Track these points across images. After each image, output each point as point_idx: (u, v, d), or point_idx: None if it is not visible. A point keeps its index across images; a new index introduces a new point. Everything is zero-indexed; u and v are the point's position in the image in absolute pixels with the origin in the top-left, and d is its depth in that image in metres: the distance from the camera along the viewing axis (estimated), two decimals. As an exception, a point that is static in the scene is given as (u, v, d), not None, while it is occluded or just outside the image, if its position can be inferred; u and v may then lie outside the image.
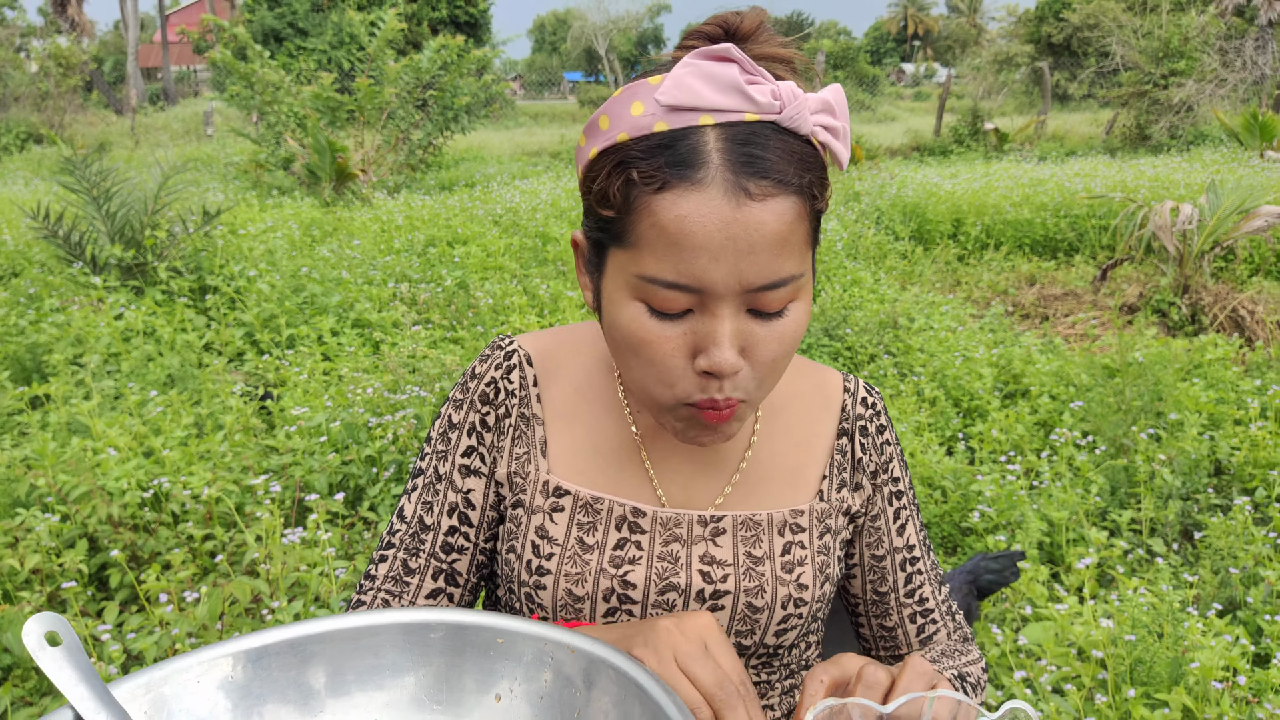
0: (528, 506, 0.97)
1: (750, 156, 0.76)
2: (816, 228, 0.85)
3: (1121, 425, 3.68)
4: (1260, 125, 12.63)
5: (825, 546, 0.99)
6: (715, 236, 0.76)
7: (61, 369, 4.03)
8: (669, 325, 0.81)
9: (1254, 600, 2.57)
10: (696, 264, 0.77)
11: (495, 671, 0.82)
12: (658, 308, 0.81)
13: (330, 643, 0.82)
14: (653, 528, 0.96)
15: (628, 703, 0.74)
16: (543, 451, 0.98)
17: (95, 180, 5.60)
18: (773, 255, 0.77)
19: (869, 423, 1.04)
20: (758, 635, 0.97)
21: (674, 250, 0.77)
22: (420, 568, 0.99)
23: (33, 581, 2.67)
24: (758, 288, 0.78)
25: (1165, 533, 3.15)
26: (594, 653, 0.78)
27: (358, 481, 3.29)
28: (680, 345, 0.82)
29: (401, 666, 0.82)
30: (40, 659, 0.76)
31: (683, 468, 0.99)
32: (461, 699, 0.82)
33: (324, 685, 0.81)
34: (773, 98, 0.78)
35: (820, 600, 0.99)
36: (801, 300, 0.83)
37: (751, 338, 0.81)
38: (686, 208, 0.76)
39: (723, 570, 0.96)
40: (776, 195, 0.77)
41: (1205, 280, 5.93)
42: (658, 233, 0.77)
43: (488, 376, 1.00)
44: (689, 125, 0.77)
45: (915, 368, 4.53)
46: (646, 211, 0.78)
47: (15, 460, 3.12)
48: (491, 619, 0.83)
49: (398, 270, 6.16)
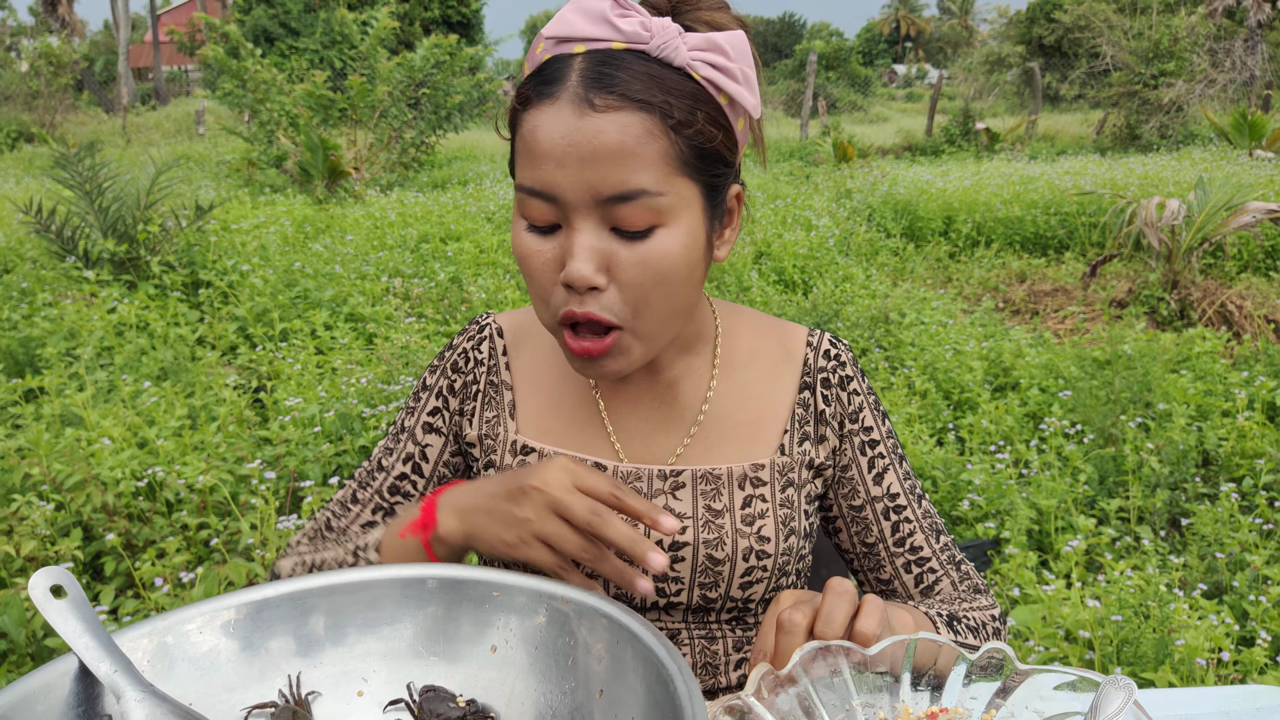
0: (498, 466, 1.03)
1: (602, 74, 0.82)
2: (698, 159, 0.85)
3: (1110, 415, 3.71)
4: (1250, 124, 12.70)
5: (789, 500, 1.01)
6: (559, 144, 0.82)
7: (54, 362, 4.03)
8: (543, 241, 0.87)
9: (1240, 584, 2.60)
10: (545, 170, 0.83)
11: (491, 623, 0.84)
12: (529, 220, 0.87)
13: (330, 596, 0.84)
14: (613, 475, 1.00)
15: (619, 648, 0.76)
16: (511, 414, 1.04)
17: (88, 175, 5.60)
18: (616, 165, 0.81)
19: (831, 374, 1.05)
20: (722, 588, 1.00)
21: (531, 158, 0.84)
22: (365, 500, 1.08)
23: (28, 569, 2.67)
24: (607, 198, 0.82)
25: (1153, 520, 3.19)
26: (586, 602, 0.80)
27: (352, 470, 3.30)
28: (550, 260, 0.86)
29: (399, 618, 0.84)
30: (46, 611, 0.78)
31: (641, 425, 1.03)
32: (458, 649, 0.84)
33: (324, 634, 0.83)
34: (642, 29, 0.83)
35: (786, 554, 1.01)
36: (672, 228, 0.85)
37: (614, 258, 0.84)
38: (539, 119, 0.83)
39: (682, 523, 0.99)
40: (621, 109, 0.81)
41: (1194, 276, 5.97)
42: (522, 144, 0.86)
43: (461, 348, 1.08)
44: (565, 53, 0.85)
45: (906, 361, 4.56)
46: (519, 128, 0.86)
47: (9, 450, 3.12)
48: (486, 573, 0.85)
49: (391, 265, 6.17)
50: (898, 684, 0.76)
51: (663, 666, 0.70)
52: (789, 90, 30.99)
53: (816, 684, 0.74)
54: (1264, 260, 7.02)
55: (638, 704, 0.73)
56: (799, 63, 32.66)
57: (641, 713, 0.72)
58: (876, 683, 0.76)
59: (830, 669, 0.75)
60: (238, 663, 0.81)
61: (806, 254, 6.87)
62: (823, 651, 0.75)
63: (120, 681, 0.72)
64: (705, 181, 0.87)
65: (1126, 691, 0.67)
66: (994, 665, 0.74)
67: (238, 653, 0.81)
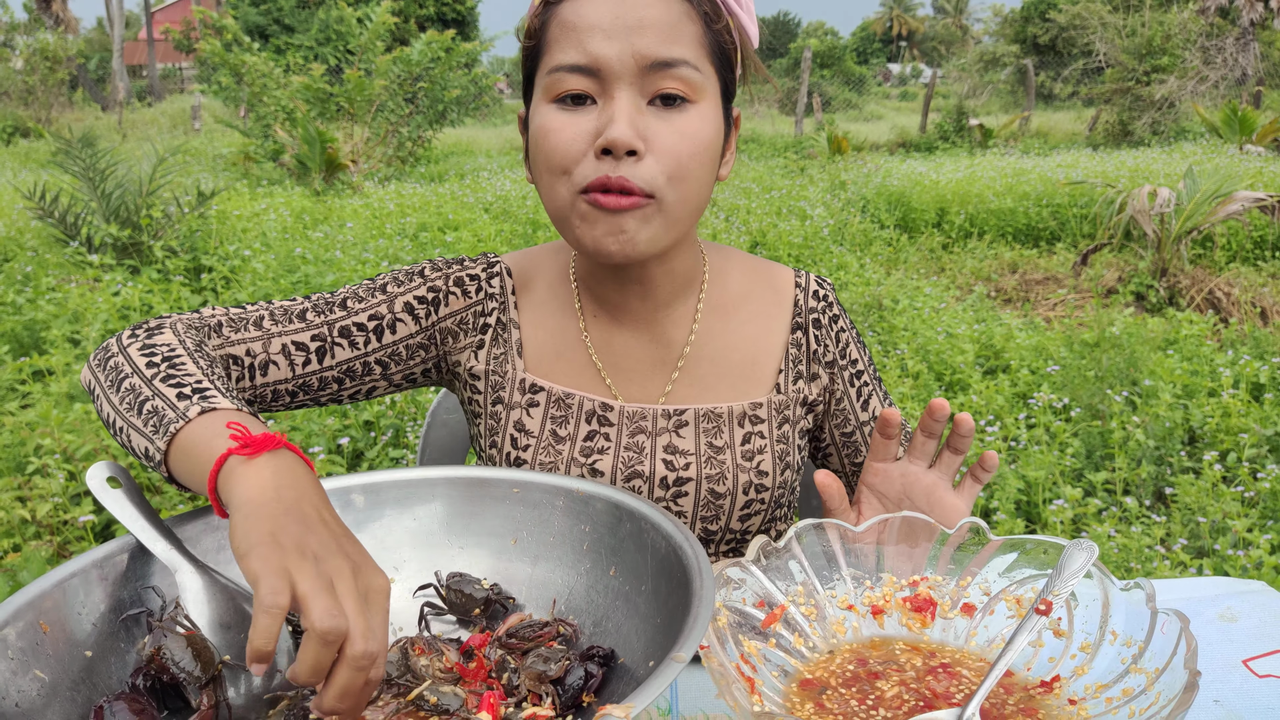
0: (506, 403, 1.07)
1: None
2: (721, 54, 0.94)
3: (1098, 392, 3.79)
4: (1240, 120, 12.81)
5: (784, 436, 1.08)
6: (606, 16, 0.89)
7: (59, 344, 4.09)
8: (575, 115, 0.91)
9: (1221, 548, 2.68)
10: (592, 41, 0.89)
11: (511, 516, 0.91)
12: (564, 92, 0.91)
13: (367, 492, 0.91)
14: (620, 420, 1.05)
15: (626, 525, 0.84)
16: (519, 352, 1.08)
17: (90, 162, 5.66)
18: (661, 34, 0.89)
19: (822, 315, 1.11)
20: (723, 520, 1.06)
21: (573, 35, 0.90)
22: (310, 323, 1.04)
23: (42, 534, 2.74)
24: (651, 64, 0.89)
25: (1139, 492, 3.26)
26: (595, 491, 0.87)
27: (357, 445, 3.37)
28: (582, 132, 0.90)
29: (431, 512, 0.92)
30: (104, 498, 0.85)
31: (635, 366, 1.08)
32: (482, 541, 0.91)
33: (362, 524, 0.90)
34: None
35: (782, 487, 1.08)
36: (702, 106, 0.92)
37: (651, 129, 0.90)
38: (583, 1, 0.90)
39: (685, 459, 1.05)
40: None
41: (1183, 264, 6.06)
42: (561, 28, 0.91)
43: (473, 272, 1.10)
44: None
45: (899, 344, 4.64)
46: (555, 19, 0.92)
47: (20, 424, 3.19)
48: (507, 473, 0.92)
49: (390, 253, 6.23)
50: (883, 556, 0.83)
51: (669, 538, 0.78)
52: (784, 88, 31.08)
53: (810, 555, 0.81)
54: (1252, 250, 7.11)
55: (648, 573, 0.80)
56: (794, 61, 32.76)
57: (652, 579, 0.79)
58: (864, 552, 0.83)
59: (823, 543, 0.82)
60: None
61: (801, 243, 6.95)
62: (817, 527, 0.82)
63: (176, 557, 0.79)
64: (723, 78, 0.95)
65: (1089, 552, 0.74)
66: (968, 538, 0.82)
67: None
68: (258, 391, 1.03)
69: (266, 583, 0.61)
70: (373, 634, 0.63)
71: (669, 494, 1.05)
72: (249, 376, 1.01)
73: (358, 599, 0.64)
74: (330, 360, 1.04)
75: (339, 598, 0.63)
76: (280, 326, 1.03)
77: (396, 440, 3.41)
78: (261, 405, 1.05)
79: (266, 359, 1.02)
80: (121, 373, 0.89)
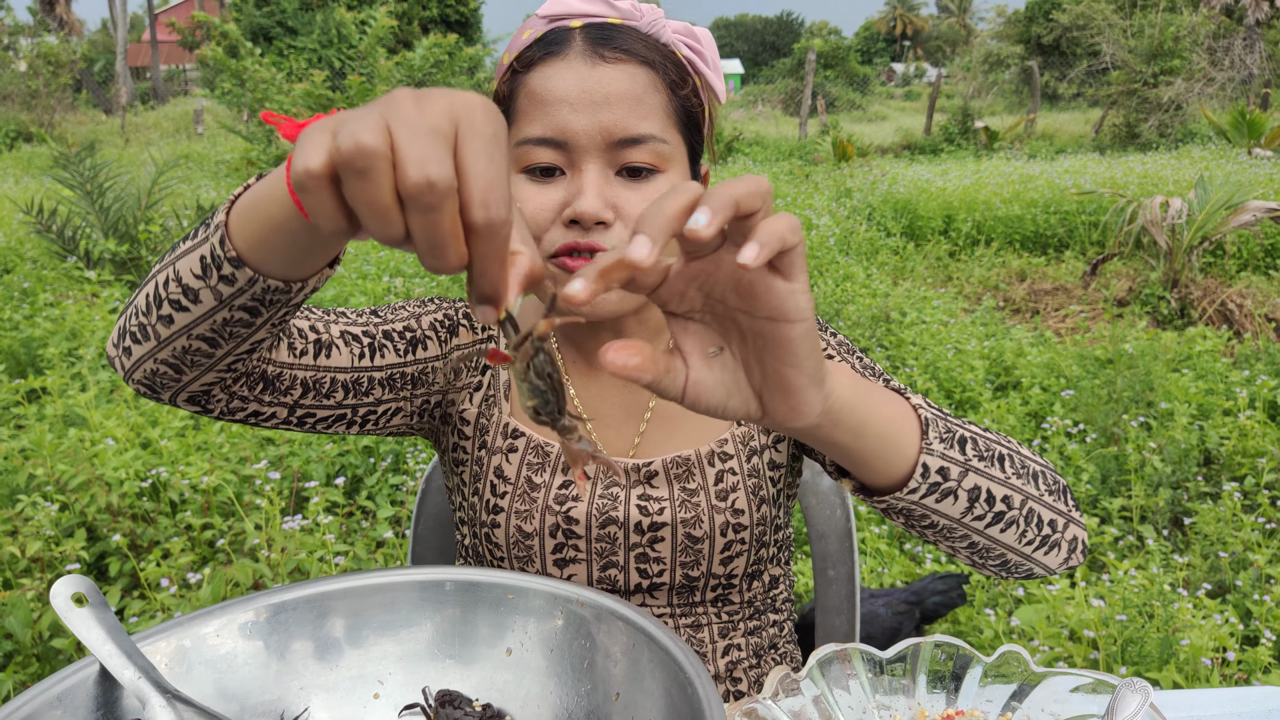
0: (490, 448, 1.04)
1: (606, 36, 0.91)
2: (687, 119, 0.94)
3: (1112, 415, 3.72)
4: (1248, 123, 12.71)
5: (755, 469, 1.03)
6: (573, 90, 0.89)
7: (57, 362, 4.03)
8: (543, 188, 0.91)
9: (1243, 584, 2.61)
10: (559, 115, 0.89)
11: (507, 626, 0.84)
12: (532, 165, 0.91)
13: (348, 598, 0.84)
14: (595, 471, 1.02)
15: (636, 651, 0.77)
16: (505, 395, 1.05)
17: (89, 175, 5.60)
18: (627, 109, 0.89)
19: None
20: (704, 565, 1.01)
21: (541, 108, 0.90)
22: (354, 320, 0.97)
23: (32, 569, 2.68)
24: (618, 140, 0.89)
25: (1155, 520, 3.19)
26: (602, 604, 0.80)
27: (355, 471, 3.30)
28: (551, 202, 0.90)
29: (416, 620, 0.85)
30: (69, 620, 0.78)
31: (611, 412, 1.05)
32: (474, 652, 0.84)
33: (342, 636, 0.83)
34: (633, 8, 0.94)
35: (761, 524, 1.02)
36: (670, 175, 0.92)
37: (620, 198, 0.90)
38: (549, 72, 0.90)
39: (659, 504, 1.00)
40: (628, 61, 0.90)
41: (1194, 275, 5.98)
42: (529, 99, 0.91)
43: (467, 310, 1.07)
44: (562, 25, 0.93)
45: (908, 360, 4.57)
46: (523, 89, 0.92)
47: (13, 451, 3.12)
48: (502, 576, 0.86)
49: (391, 265, 6.17)
50: (914, 686, 0.76)
51: (681, 669, 0.71)
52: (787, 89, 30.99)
53: (833, 686, 0.75)
54: (1264, 259, 7.02)
55: (655, 707, 0.73)
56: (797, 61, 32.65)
57: (660, 715, 0.72)
58: (893, 685, 0.77)
59: (847, 671, 0.76)
60: (255, 665, 0.82)
61: (807, 253, 6.87)
62: (840, 655, 0.75)
63: (144, 688, 0.73)
64: (690, 142, 0.96)
65: (1143, 694, 0.67)
66: (1010, 668, 0.75)
67: (256, 655, 0.82)
68: (317, 378, 0.92)
69: None
70: (432, 160, 0.45)
71: (644, 540, 1.00)
72: (313, 353, 0.91)
73: (418, 125, 0.46)
74: (381, 360, 0.97)
75: (380, 121, 0.46)
76: (332, 316, 0.96)
77: (396, 466, 3.35)
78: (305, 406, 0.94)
79: (330, 339, 0.93)
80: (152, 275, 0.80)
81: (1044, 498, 0.81)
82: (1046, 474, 0.84)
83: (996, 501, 0.77)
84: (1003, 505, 0.77)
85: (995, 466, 0.78)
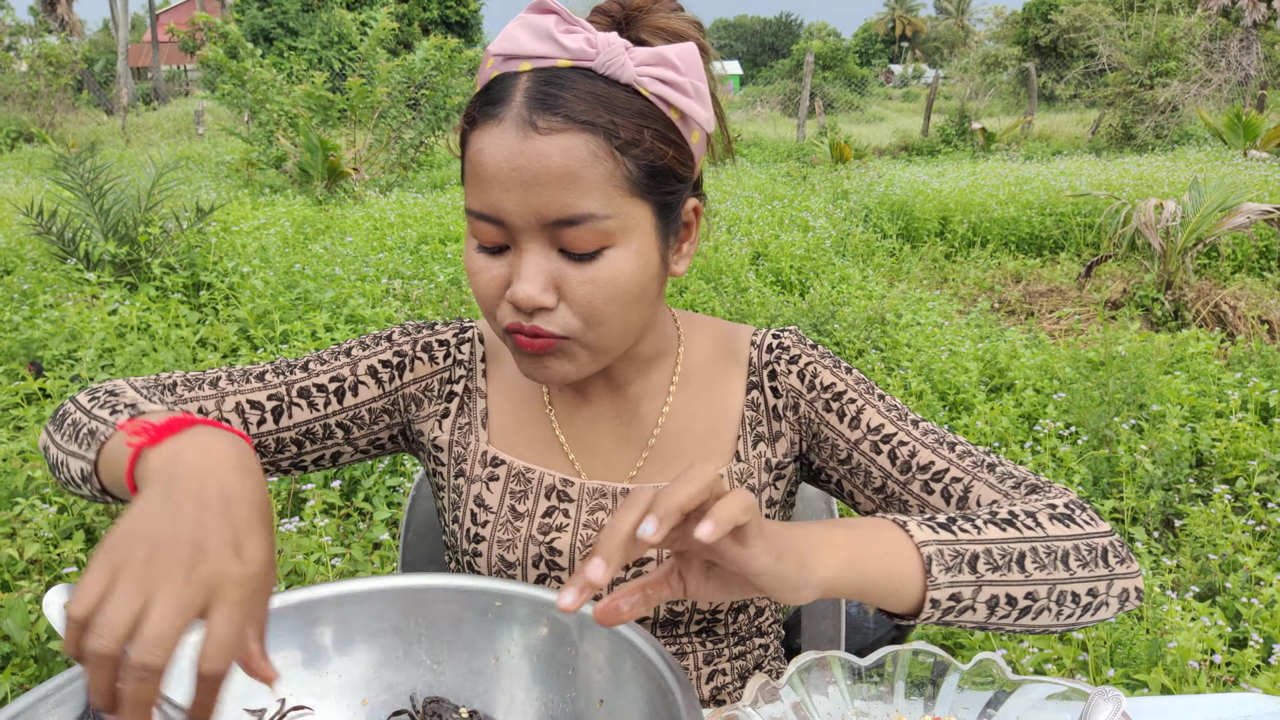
0: (468, 476, 1.03)
1: (546, 95, 0.81)
2: (649, 178, 0.84)
3: (1104, 417, 3.74)
4: (1244, 125, 12.73)
5: None
6: (503, 168, 0.81)
7: (56, 364, 4.05)
8: (491, 260, 0.87)
9: (1232, 586, 2.63)
10: (491, 194, 0.82)
11: (494, 633, 0.86)
12: (478, 240, 0.87)
13: (337, 605, 0.86)
14: (580, 497, 1.01)
15: (619, 658, 0.78)
16: (483, 424, 1.04)
17: (88, 177, 5.62)
18: (560, 188, 0.80)
19: (777, 362, 1.03)
20: (688, 600, 1.00)
21: (477, 181, 0.84)
22: (268, 384, 1.01)
23: (30, 572, 2.69)
24: (553, 222, 0.82)
25: (1147, 521, 3.21)
26: (586, 612, 0.82)
27: (353, 473, 3.32)
28: (497, 278, 0.87)
29: (404, 628, 0.87)
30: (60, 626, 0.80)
31: (600, 442, 1.03)
32: (461, 659, 0.86)
33: (330, 644, 0.85)
34: (587, 45, 0.82)
35: None
36: (622, 248, 0.84)
37: (563, 277, 0.84)
38: (484, 141, 0.83)
39: None
40: (564, 131, 0.80)
41: (1188, 277, 6.00)
42: (470, 166, 0.85)
43: (442, 336, 1.07)
44: (511, 71, 0.84)
45: (902, 362, 4.59)
46: (470, 149, 0.85)
47: (12, 453, 3.14)
48: (489, 584, 0.87)
49: (391, 267, 6.19)
50: (891, 693, 0.78)
51: (662, 677, 0.73)
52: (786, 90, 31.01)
53: (812, 692, 0.76)
54: (1258, 261, 7.05)
55: (637, 713, 0.75)
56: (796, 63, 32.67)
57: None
58: (871, 691, 0.78)
59: (826, 678, 0.77)
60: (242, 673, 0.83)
61: (803, 255, 6.89)
62: (819, 662, 0.77)
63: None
64: (657, 200, 0.86)
65: (1115, 702, 0.69)
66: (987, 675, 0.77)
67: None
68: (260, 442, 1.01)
69: None
70: (159, 641, 0.53)
71: (629, 573, 0.99)
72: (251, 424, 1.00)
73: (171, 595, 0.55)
74: (287, 420, 1.01)
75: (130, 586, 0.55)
76: (236, 386, 1.01)
77: (394, 468, 3.36)
78: None
79: (219, 416, 0.98)
80: (68, 417, 0.90)
81: (1076, 574, 0.80)
82: (1079, 546, 0.81)
83: (1019, 600, 0.77)
84: (1027, 601, 0.78)
85: (1013, 571, 0.77)
